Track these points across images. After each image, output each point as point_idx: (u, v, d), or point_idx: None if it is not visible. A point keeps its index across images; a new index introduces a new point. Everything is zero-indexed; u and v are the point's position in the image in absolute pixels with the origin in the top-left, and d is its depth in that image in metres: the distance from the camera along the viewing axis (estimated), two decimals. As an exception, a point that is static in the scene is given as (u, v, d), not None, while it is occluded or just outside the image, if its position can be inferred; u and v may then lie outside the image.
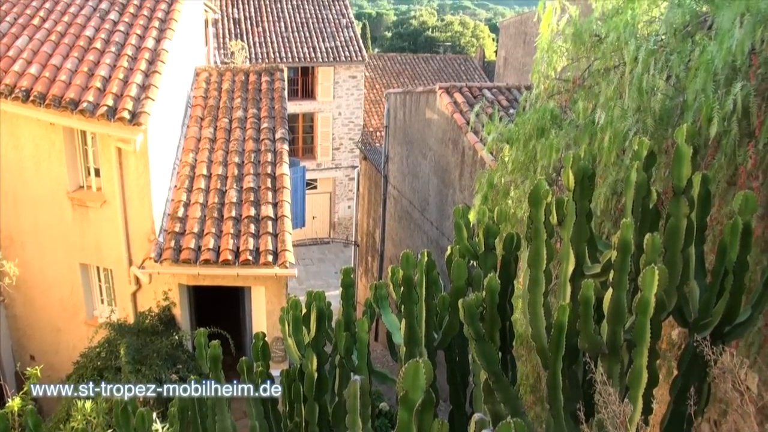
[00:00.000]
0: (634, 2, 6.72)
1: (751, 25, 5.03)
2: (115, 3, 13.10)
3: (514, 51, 28.98)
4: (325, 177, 32.34)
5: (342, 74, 30.63)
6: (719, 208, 5.13)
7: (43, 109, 10.67)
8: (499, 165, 7.58)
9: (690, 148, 3.82)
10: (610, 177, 5.88)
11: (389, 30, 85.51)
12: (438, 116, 16.04)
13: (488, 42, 66.74)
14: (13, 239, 12.50)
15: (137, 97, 10.85)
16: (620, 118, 5.54)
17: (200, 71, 15.44)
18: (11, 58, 11.29)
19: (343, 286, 5.20)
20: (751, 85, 4.96)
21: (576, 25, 7.22)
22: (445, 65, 40.19)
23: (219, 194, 12.18)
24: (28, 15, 12.52)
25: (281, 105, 14.57)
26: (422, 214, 17.42)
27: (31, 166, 11.88)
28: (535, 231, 3.93)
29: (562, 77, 7.69)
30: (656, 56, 5.70)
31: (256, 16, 31.02)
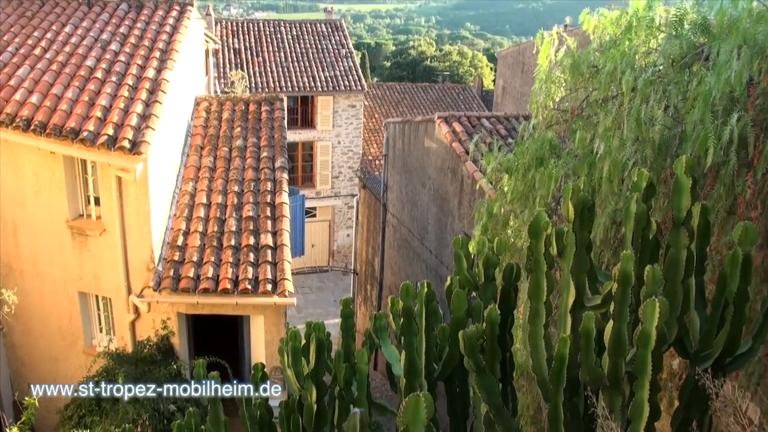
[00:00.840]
0: (632, 34, 6.78)
1: (749, 56, 5.08)
2: (116, 34, 13.21)
3: (512, 80, 29.18)
4: (324, 205, 32.37)
5: (341, 103, 30.79)
6: (719, 237, 5.13)
7: (43, 138, 10.71)
8: (498, 195, 7.59)
9: (689, 179, 3.83)
10: (609, 206, 5.89)
11: (388, 60, 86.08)
12: (437, 145, 16.10)
13: (486, 71, 67.16)
14: (12, 267, 12.48)
15: (138, 126, 10.90)
16: (619, 148, 5.56)
17: (201, 100, 15.53)
18: (12, 88, 11.35)
19: (343, 317, 5.19)
20: (749, 116, 4.99)
21: (574, 57, 7.27)
22: (444, 94, 40.40)
23: (218, 223, 12.19)
24: (30, 45, 12.62)
25: (281, 134, 14.64)
26: (421, 243, 17.41)
27: (31, 194, 11.90)
28: (536, 263, 3.93)
29: (560, 107, 7.73)
30: (654, 87, 5.75)
31: (256, 46, 31.25)
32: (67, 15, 13.95)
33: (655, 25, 6.74)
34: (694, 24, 6.22)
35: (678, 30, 6.35)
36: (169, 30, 13.48)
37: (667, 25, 6.71)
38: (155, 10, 14.27)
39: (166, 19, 13.84)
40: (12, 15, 13.77)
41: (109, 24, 13.62)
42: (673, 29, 6.44)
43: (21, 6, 14.24)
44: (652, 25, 6.73)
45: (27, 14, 13.86)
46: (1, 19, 13.49)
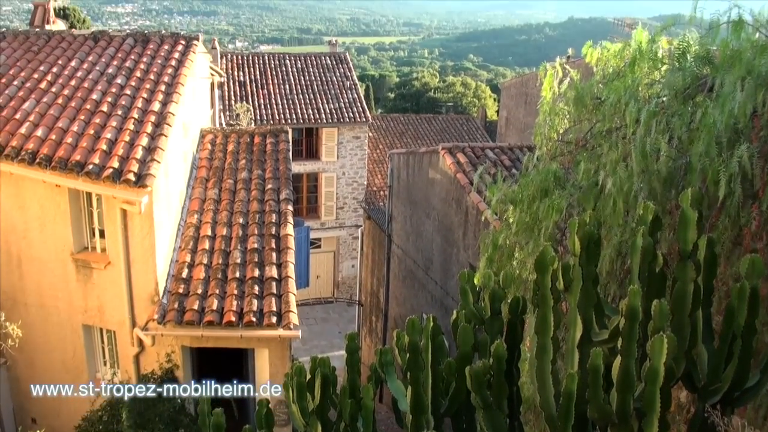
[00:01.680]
0: (635, 66, 6.81)
1: (753, 88, 5.09)
2: (122, 68, 13.33)
3: (515, 111, 29.30)
4: (329, 236, 32.38)
5: (346, 135, 30.94)
6: (725, 269, 5.11)
7: (49, 171, 10.76)
8: (503, 226, 7.59)
9: (695, 212, 3.82)
10: (615, 238, 5.87)
11: (392, 91, 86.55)
12: (441, 176, 16.13)
13: (490, 102, 67.47)
14: (16, 300, 12.47)
15: (143, 159, 10.95)
16: (626, 180, 5.56)
17: (206, 133, 15.61)
18: (18, 121, 11.45)
19: (348, 352, 5.15)
20: (753, 147, 4.99)
21: (577, 89, 7.31)
22: (448, 125, 40.58)
23: (223, 255, 12.18)
24: (36, 79, 12.74)
25: (286, 166, 14.69)
26: (426, 274, 17.37)
27: (36, 227, 11.92)
28: (542, 298, 3.90)
29: (564, 139, 7.75)
30: (658, 118, 5.76)
31: (261, 79, 31.50)
32: (73, 49, 14.09)
33: (658, 58, 6.78)
34: (697, 56, 6.26)
35: (681, 62, 6.39)
36: (175, 64, 13.61)
37: (670, 56, 6.75)
38: (161, 45, 14.42)
39: (171, 54, 13.97)
40: (18, 49, 13.92)
41: (114, 58, 13.76)
42: (677, 61, 6.47)
43: (27, 41, 14.40)
44: (656, 58, 6.77)
45: (33, 49, 14.01)
46: (8, 54, 13.64)
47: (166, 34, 15.10)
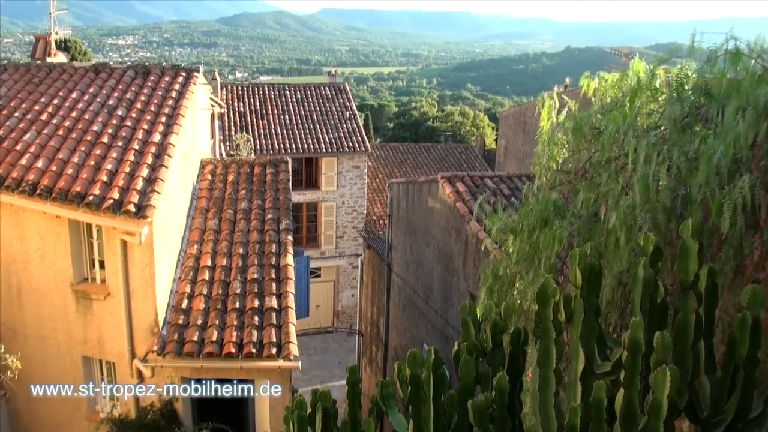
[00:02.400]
0: (634, 96, 6.86)
1: (753, 118, 5.12)
2: (123, 99, 13.41)
3: (514, 140, 29.43)
4: (328, 265, 32.34)
5: (345, 164, 31.04)
6: (727, 299, 5.10)
7: (49, 202, 10.78)
8: (504, 256, 7.58)
9: (696, 243, 3.82)
10: (616, 268, 5.87)
11: (391, 120, 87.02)
12: (441, 205, 16.15)
13: (488, 131, 67.81)
14: (16, 332, 12.41)
15: (143, 190, 10.97)
16: (627, 212, 5.57)
17: (206, 163, 15.66)
18: (19, 153, 11.49)
19: (349, 385, 5.12)
20: (754, 178, 5.01)
21: (576, 119, 7.35)
22: (447, 154, 40.74)
23: (223, 285, 12.16)
24: (37, 111, 12.80)
25: (286, 196, 14.72)
26: (426, 303, 17.32)
27: (36, 258, 11.91)
28: (544, 330, 3.90)
29: (563, 169, 7.78)
30: (657, 148, 5.78)
31: (261, 110, 31.67)
32: (74, 81, 14.19)
33: (657, 88, 6.83)
34: (695, 86, 6.30)
35: (680, 93, 6.42)
36: (176, 96, 13.68)
37: (668, 86, 6.79)
38: (162, 77, 14.51)
39: (172, 85, 14.06)
40: (20, 81, 14.01)
41: (115, 90, 13.84)
42: (675, 92, 6.51)
43: (28, 73, 14.50)
44: (654, 88, 6.82)
45: (34, 81, 14.10)
46: (9, 86, 13.72)
47: (167, 66, 15.21)
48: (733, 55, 5.84)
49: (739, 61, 5.82)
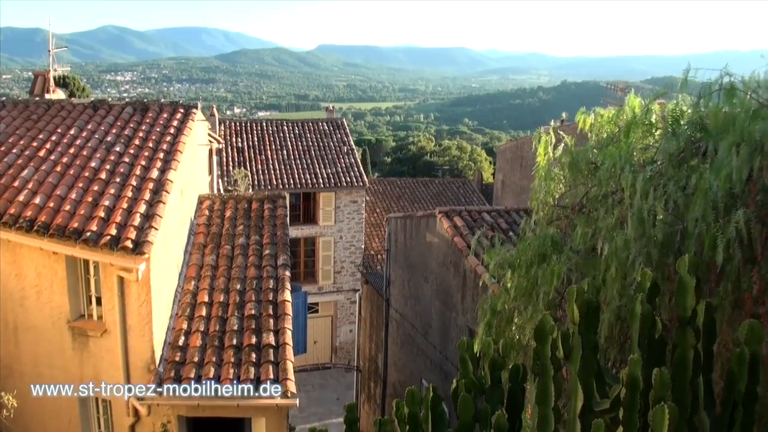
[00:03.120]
0: (630, 131, 6.90)
1: (748, 153, 5.15)
2: (121, 136, 13.46)
3: (511, 174, 29.52)
4: (326, 301, 32.21)
5: (343, 199, 31.07)
6: (726, 333, 5.08)
7: (46, 239, 10.76)
8: (502, 291, 7.56)
9: (693, 278, 3.82)
10: (614, 303, 5.85)
11: (389, 155, 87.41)
12: (438, 240, 16.15)
13: (485, 165, 68.05)
14: (12, 369, 12.31)
15: (141, 226, 10.96)
16: (623, 247, 5.57)
17: (204, 199, 15.68)
18: (17, 189, 11.50)
19: (347, 423, 5.08)
20: (750, 212, 5.02)
21: (572, 154, 7.39)
22: (444, 189, 40.82)
23: (220, 322, 12.10)
24: (35, 147, 12.84)
25: (283, 232, 14.71)
26: (425, 338, 17.23)
27: (32, 294, 11.85)
28: (542, 367, 3.88)
29: (560, 204, 7.80)
30: (654, 183, 5.80)
31: (259, 145, 31.77)
32: (72, 118, 14.25)
33: (652, 123, 6.87)
34: (690, 121, 6.34)
35: (675, 128, 6.47)
36: (174, 132, 13.74)
37: (663, 121, 6.84)
38: (160, 113, 14.58)
39: (170, 122, 14.12)
40: (18, 118, 14.08)
41: (114, 126, 13.89)
42: (671, 127, 6.55)
43: (27, 109, 14.58)
44: (650, 123, 6.86)
45: (33, 117, 14.17)
46: (7, 122, 13.79)
47: (165, 103, 15.29)
48: (728, 90, 5.89)
49: (734, 96, 5.86)
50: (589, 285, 4.02)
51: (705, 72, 6.34)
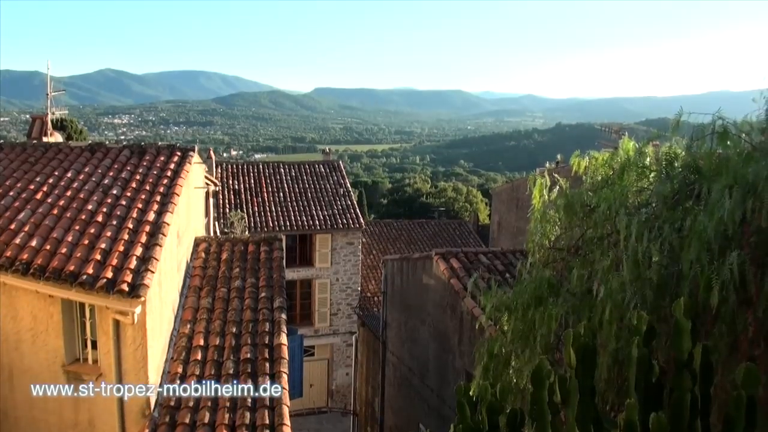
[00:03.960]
0: (624, 174, 6.97)
1: (741, 195, 5.20)
2: (118, 179, 13.51)
3: (507, 216, 29.62)
4: (322, 343, 32.02)
5: (339, 241, 31.10)
6: (723, 375, 5.08)
7: (42, 282, 10.73)
8: (498, 334, 7.56)
9: (689, 321, 3.84)
10: (611, 346, 5.85)
11: (385, 197, 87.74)
12: (435, 281, 16.14)
13: (481, 206, 68.29)
14: (7, 414, 12.17)
15: (137, 269, 10.94)
16: (618, 289, 5.59)
17: (200, 241, 15.68)
18: (13, 231, 11.49)
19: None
20: (744, 254, 5.05)
21: (567, 196, 7.45)
22: (441, 230, 40.90)
23: (216, 366, 12.01)
24: (32, 190, 12.87)
25: (279, 274, 14.69)
26: (422, 381, 17.12)
27: (28, 338, 11.78)
28: (539, 412, 3.87)
29: (556, 246, 7.83)
30: (649, 225, 5.84)
31: (255, 187, 31.89)
32: (69, 161, 14.30)
33: (646, 166, 6.95)
34: (684, 164, 6.41)
35: (669, 170, 6.54)
36: (171, 175, 13.79)
37: (657, 163, 6.92)
38: (157, 156, 14.65)
39: (167, 165, 14.18)
40: (15, 161, 14.12)
41: (111, 169, 13.94)
42: (665, 170, 6.62)
43: (24, 152, 14.64)
44: (644, 166, 6.94)
45: (30, 160, 14.22)
46: (5, 165, 13.83)
47: (163, 146, 15.37)
48: (721, 134, 5.97)
49: (727, 139, 5.94)
50: (585, 328, 4.03)
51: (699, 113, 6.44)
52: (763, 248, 5.14)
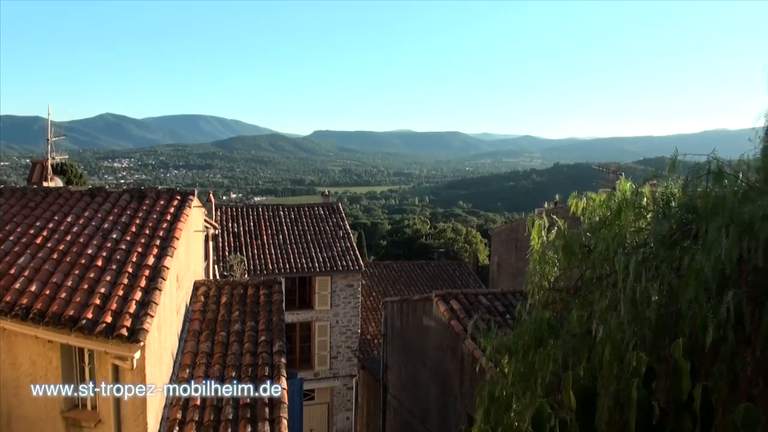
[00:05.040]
0: (621, 214, 7.02)
1: (737, 235, 5.24)
2: (118, 223, 13.55)
3: (506, 256, 29.63)
4: (322, 387, 31.76)
5: (339, 283, 31.06)
6: (723, 415, 5.06)
7: (42, 327, 10.70)
8: (499, 377, 7.53)
9: (687, 362, 3.85)
10: (612, 387, 5.83)
11: (384, 238, 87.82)
12: (435, 323, 16.10)
13: (481, 247, 68.33)
14: (4, 462, 12.07)
15: (136, 314, 10.92)
16: (617, 330, 5.60)
17: (200, 285, 15.68)
18: (13, 276, 11.49)
19: None
20: (742, 293, 5.07)
21: (566, 237, 7.49)
22: (440, 271, 40.85)
23: (215, 411, 11.92)
24: (32, 234, 12.90)
25: (279, 317, 14.67)
26: (423, 425, 16.96)
27: (27, 383, 11.70)
28: (540, 456, 3.86)
29: (555, 287, 7.85)
30: (647, 265, 5.87)
31: (255, 230, 31.95)
32: (69, 205, 14.36)
33: (643, 206, 7.00)
34: (681, 204, 6.46)
35: (666, 210, 6.59)
36: (171, 219, 13.83)
37: (654, 203, 6.97)
38: (157, 200, 14.72)
39: (167, 209, 14.24)
40: (15, 205, 14.18)
41: (111, 214, 13.99)
42: (662, 210, 6.68)
43: (24, 197, 14.70)
44: (641, 206, 6.99)
45: (30, 205, 14.28)
46: (5, 209, 13.88)
47: (162, 190, 15.44)
48: (716, 174, 6.04)
49: (722, 179, 6.00)
50: (585, 370, 4.04)
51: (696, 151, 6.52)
52: (760, 287, 5.17)
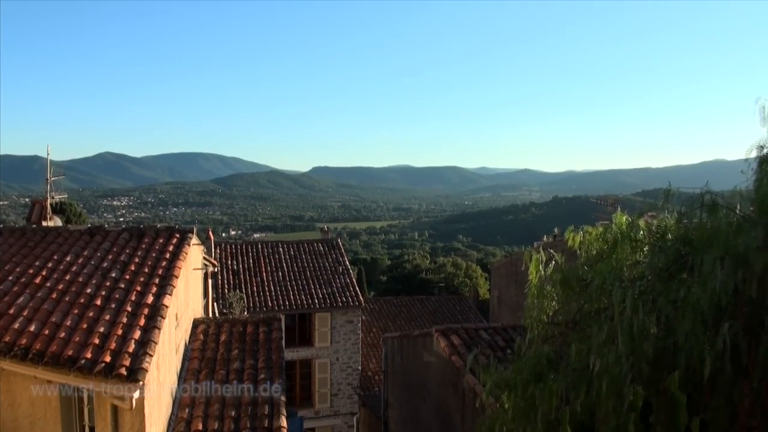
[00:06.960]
0: (617, 248, 7.06)
1: (732, 266, 5.27)
2: (117, 262, 13.56)
3: (506, 290, 29.57)
4: (323, 425, 31.46)
5: (339, 319, 30.95)
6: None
7: (41, 367, 10.66)
8: (499, 412, 7.50)
9: (684, 396, 3.86)
10: (612, 421, 5.82)
11: (384, 273, 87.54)
12: (436, 359, 16.02)
13: (481, 281, 68.05)
14: (1, 506, 11.92)
15: (135, 353, 10.88)
16: (614, 363, 5.60)
17: (199, 323, 15.64)
18: (12, 316, 11.46)
19: None
20: (738, 324, 5.09)
21: (563, 271, 7.52)
22: (441, 306, 40.71)
23: (215, 450, 11.84)
24: (31, 274, 12.89)
25: (278, 355, 14.61)
26: (425, 462, 16.80)
27: (25, 425, 11.62)
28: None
29: (554, 321, 7.86)
30: (644, 298, 5.89)
31: (254, 267, 31.92)
32: (68, 244, 14.38)
33: (639, 239, 7.04)
34: (676, 236, 6.50)
35: (662, 243, 6.62)
36: (170, 257, 13.85)
37: (650, 235, 7.01)
38: (156, 238, 14.75)
39: (166, 247, 14.26)
40: (14, 245, 14.20)
41: (110, 252, 14.00)
42: (658, 243, 6.71)
43: (23, 237, 14.72)
44: (636, 239, 7.03)
45: (29, 244, 14.29)
46: (4, 249, 13.90)
47: (161, 228, 15.47)
48: (711, 207, 6.08)
49: (716, 212, 6.05)
50: (582, 405, 4.04)
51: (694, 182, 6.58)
52: (756, 318, 5.19)
